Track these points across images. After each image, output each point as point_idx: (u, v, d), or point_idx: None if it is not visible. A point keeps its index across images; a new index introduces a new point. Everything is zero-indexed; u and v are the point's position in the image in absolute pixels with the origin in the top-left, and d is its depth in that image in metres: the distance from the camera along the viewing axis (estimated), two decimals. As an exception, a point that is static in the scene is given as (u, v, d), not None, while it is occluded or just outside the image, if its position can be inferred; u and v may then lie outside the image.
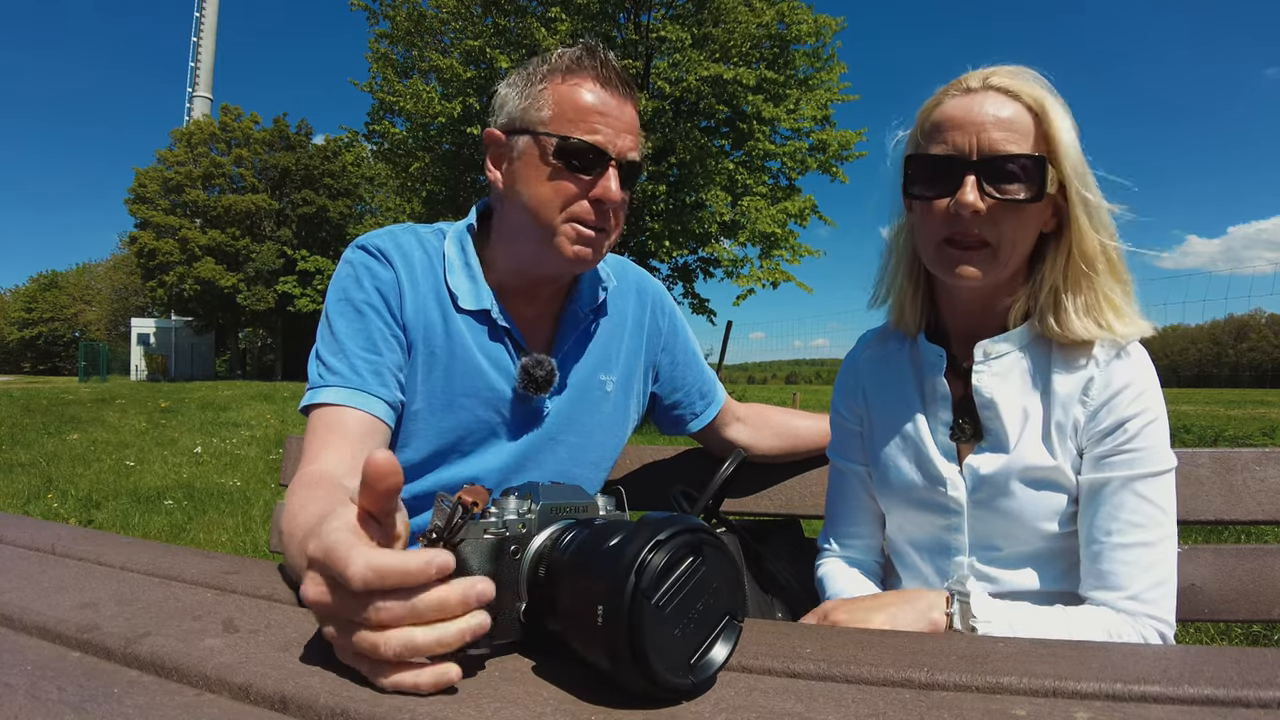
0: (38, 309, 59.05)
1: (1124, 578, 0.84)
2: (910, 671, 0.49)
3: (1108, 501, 0.86)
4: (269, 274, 31.41)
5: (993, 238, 0.85)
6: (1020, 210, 0.84)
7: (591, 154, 0.95)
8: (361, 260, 1.00)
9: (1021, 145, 0.83)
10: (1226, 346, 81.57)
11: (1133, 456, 0.86)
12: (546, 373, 1.03)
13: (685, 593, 0.45)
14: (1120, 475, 0.86)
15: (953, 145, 0.85)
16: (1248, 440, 7.74)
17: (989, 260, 0.86)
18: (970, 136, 0.84)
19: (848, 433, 1.08)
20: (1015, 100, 0.84)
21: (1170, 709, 0.45)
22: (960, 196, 0.83)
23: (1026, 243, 0.87)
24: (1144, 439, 0.86)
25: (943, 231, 0.87)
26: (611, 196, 0.96)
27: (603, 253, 1.01)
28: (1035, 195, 0.83)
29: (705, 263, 14.16)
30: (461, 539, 0.50)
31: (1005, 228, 0.85)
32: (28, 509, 4.70)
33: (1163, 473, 0.86)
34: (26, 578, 0.68)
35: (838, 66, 13.35)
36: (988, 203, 0.83)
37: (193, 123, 35.56)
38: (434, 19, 13.21)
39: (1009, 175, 0.83)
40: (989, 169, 0.83)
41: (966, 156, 0.84)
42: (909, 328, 1.00)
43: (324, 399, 0.91)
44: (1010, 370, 0.92)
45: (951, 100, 0.87)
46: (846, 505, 1.08)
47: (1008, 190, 0.83)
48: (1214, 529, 3.59)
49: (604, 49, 0.98)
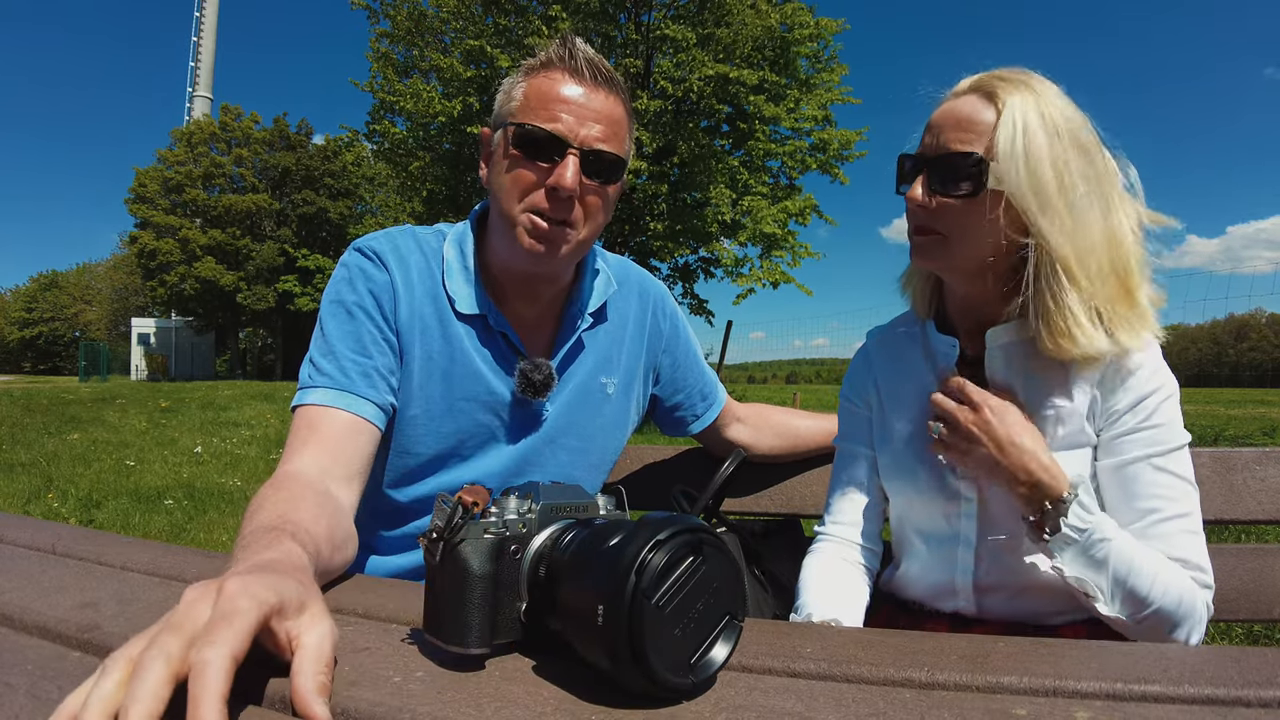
0: (38, 309, 59.06)
1: (1175, 549, 0.86)
2: (910, 671, 0.49)
3: (1138, 480, 0.88)
4: (269, 273, 31.41)
5: (944, 229, 0.89)
6: (965, 206, 0.87)
7: (549, 141, 0.94)
8: (356, 263, 1.00)
9: (972, 145, 0.86)
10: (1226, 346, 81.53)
11: (1154, 433, 0.88)
12: (545, 377, 1.02)
13: (685, 592, 0.45)
14: (1145, 453, 0.88)
15: (923, 145, 0.91)
16: (1248, 440, 7.74)
17: (942, 249, 0.90)
18: (934, 138, 0.89)
19: (857, 419, 1.09)
20: (989, 101, 0.86)
21: (1170, 709, 0.45)
22: (909, 193, 0.90)
23: (983, 236, 0.87)
24: (1161, 414, 0.89)
25: (911, 221, 0.93)
26: (564, 184, 0.93)
27: (563, 248, 0.97)
28: (969, 192, 0.86)
29: (706, 262, 14.17)
30: (462, 539, 0.50)
31: (952, 222, 0.89)
32: (28, 509, 4.70)
33: (1182, 447, 0.89)
34: (27, 577, 0.68)
35: (839, 68, 13.35)
36: (935, 199, 0.88)
37: (193, 122, 35.57)
38: (434, 18, 13.21)
39: (950, 173, 0.87)
40: (935, 167, 0.88)
41: (925, 155, 0.90)
42: (921, 313, 1.04)
43: (310, 399, 0.91)
44: (1020, 357, 0.93)
45: (941, 104, 0.90)
46: (850, 489, 1.08)
47: (947, 187, 0.88)
48: (1214, 529, 3.58)
49: (578, 42, 0.98)
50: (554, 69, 0.96)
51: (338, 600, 0.64)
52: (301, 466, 0.84)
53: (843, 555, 1.05)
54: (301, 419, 0.91)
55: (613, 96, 0.98)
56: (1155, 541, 0.87)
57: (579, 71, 0.96)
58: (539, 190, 0.95)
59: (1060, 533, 0.83)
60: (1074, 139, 0.86)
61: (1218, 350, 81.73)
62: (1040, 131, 0.84)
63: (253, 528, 0.64)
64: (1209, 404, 20.44)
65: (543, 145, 0.94)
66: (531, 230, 0.95)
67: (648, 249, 12.67)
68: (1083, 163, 0.86)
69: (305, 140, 34.37)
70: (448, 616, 0.50)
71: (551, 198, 0.95)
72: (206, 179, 32.26)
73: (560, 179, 0.93)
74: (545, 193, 0.95)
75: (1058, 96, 0.87)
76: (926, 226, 0.91)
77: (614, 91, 0.98)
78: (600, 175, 0.96)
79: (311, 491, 0.78)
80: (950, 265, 0.92)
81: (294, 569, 0.52)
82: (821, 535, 1.09)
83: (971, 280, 0.93)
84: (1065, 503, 0.83)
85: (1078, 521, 0.83)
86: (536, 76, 0.97)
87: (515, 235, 0.96)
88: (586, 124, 0.95)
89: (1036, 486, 0.85)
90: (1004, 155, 0.84)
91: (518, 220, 0.96)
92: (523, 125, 0.94)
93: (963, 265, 0.91)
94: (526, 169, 0.95)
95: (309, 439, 0.88)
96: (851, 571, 1.04)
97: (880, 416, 1.06)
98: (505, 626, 0.51)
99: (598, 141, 0.95)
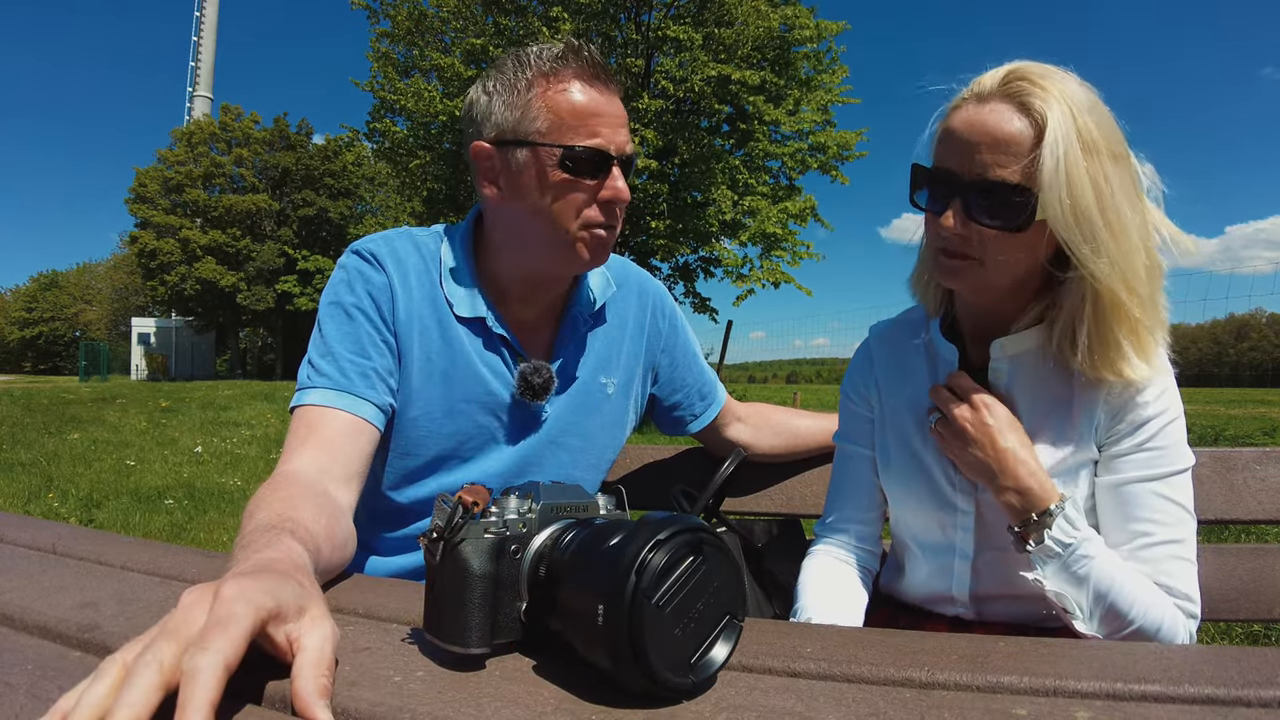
0: (38, 308, 59.06)
1: (1163, 574, 0.84)
2: (910, 671, 0.49)
3: (1133, 501, 0.86)
4: (269, 274, 31.40)
5: (978, 254, 0.85)
6: (1007, 236, 0.82)
7: (596, 158, 0.94)
8: (354, 265, 1.00)
9: (1011, 170, 0.79)
10: (1227, 346, 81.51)
11: (1154, 455, 0.86)
12: (544, 380, 1.02)
13: (685, 592, 0.45)
14: (1143, 474, 0.86)
15: (951, 162, 0.84)
16: (1248, 440, 7.73)
17: (976, 273, 0.86)
18: (966, 156, 0.82)
19: (857, 418, 1.07)
20: (1024, 114, 0.79)
21: (1170, 708, 0.45)
22: (943, 219, 0.84)
23: (1020, 262, 0.85)
24: (1164, 438, 0.87)
25: (937, 241, 0.87)
26: (622, 196, 0.96)
27: (609, 250, 1.03)
28: (1016, 226, 0.81)
29: (706, 262, 14.18)
30: (462, 538, 0.50)
31: (990, 249, 0.83)
32: (28, 508, 4.70)
33: (1183, 470, 0.87)
34: (27, 577, 0.68)
35: (840, 70, 13.34)
36: (971, 227, 0.83)
37: (193, 122, 35.55)
38: (435, 18, 13.21)
39: (992, 202, 0.81)
40: (974, 193, 0.82)
41: (959, 177, 0.83)
42: (931, 311, 1.01)
43: (309, 400, 0.91)
44: (1027, 369, 0.91)
45: (959, 112, 0.84)
46: (849, 489, 1.07)
47: (988, 218, 0.82)
48: (1214, 528, 3.59)
49: (584, 44, 0.97)
50: (570, 77, 0.95)
51: (338, 600, 0.64)
52: (300, 466, 0.84)
53: (842, 557, 1.05)
54: (300, 419, 0.90)
55: (619, 95, 1.00)
56: (1144, 565, 0.85)
57: (597, 77, 0.96)
58: (593, 206, 0.96)
59: (1043, 544, 0.82)
60: (1107, 144, 0.80)
61: (1218, 350, 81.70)
62: (1079, 150, 0.77)
63: (252, 526, 0.64)
64: (1209, 404, 20.43)
65: (589, 163, 0.94)
66: (591, 242, 0.97)
67: (648, 249, 12.67)
68: (1119, 172, 0.80)
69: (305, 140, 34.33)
70: (448, 616, 0.50)
71: (606, 210, 0.97)
72: (206, 179, 32.24)
73: (616, 192, 0.96)
74: (599, 207, 0.96)
75: (1086, 96, 0.80)
76: (959, 252, 0.85)
77: (620, 89, 1.00)
78: (628, 176, 0.99)
79: (311, 491, 0.78)
80: (982, 287, 0.88)
81: (294, 569, 0.52)
82: (821, 536, 1.08)
83: (995, 297, 0.90)
84: (1051, 515, 0.82)
85: (1061, 535, 0.81)
86: (552, 89, 0.94)
87: (575, 252, 0.98)
88: (617, 131, 0.96)
89: (1025, 494, 0.84)
90: (1049, 184, 0.77)
91: (576, 237, 0.97)
92: (570, 148, 0.93)
93: (994, 288, 0.88)
94: (577, 190, 0.95)
95: (308, 439, 0.88)
96: (850, 573, 1.03)
97: (880, 421, 1.04)
98: (505, 626, 0.51)
99: (628, 145, 0.98)
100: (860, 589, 1.02)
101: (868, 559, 1.06)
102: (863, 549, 1.06)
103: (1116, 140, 0.81)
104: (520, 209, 0.97)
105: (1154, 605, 0.82)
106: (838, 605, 0.97)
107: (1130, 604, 0.81)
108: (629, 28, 12.44)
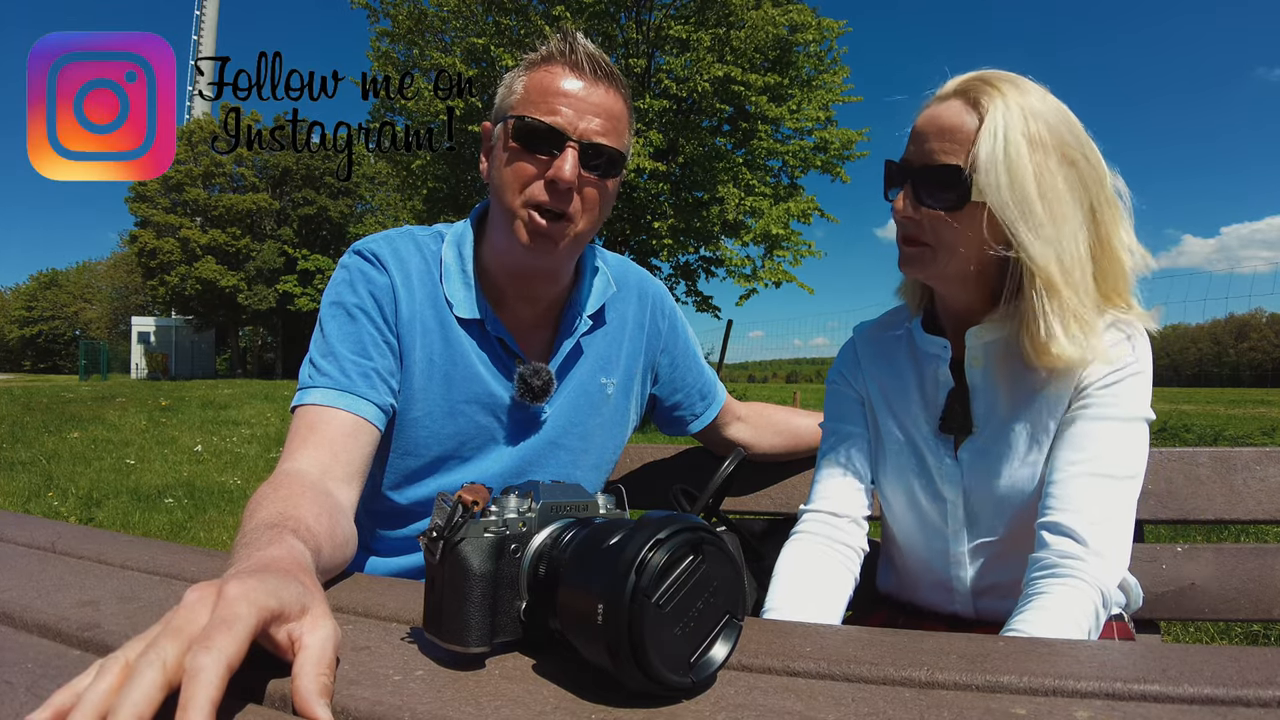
0: (38, 307, 59.02)
1: (1082, 501, 0.83)
2: (910, 671, 0.49)
3: (1079, 434, 0.87)
4: (270, 273, 31.39)
5: (931, 240, 0.88)
6: (950, 217, 0.86)
7: (548, 134, 0.94)
8: (356, 265, 1.00)
9: (953, 155, 0.84)
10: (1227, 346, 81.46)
11: (1108, 397, 0.87)
12: (544, 382, 1.02)
13: (685, 591, 0.45)
14: (1093, 413, 0.87)
15: (909, 154, 0.89)
16: (1248, 440, 7.73)
17: (928, 259, 0.90)
18: (919, 147, 0.87)
19: (847, 399, 1.07)
20: (973, 109, 0.84)
21: (1170, 708, 0.45)
22: (895, 204, 0.89)
23: (967, 246, 0.86)
24: (1124, 387, 0.87)
25: (899, 231, 0.92)
26: (563, 176, 0.93)
27: (563, 242, 0.97)
28: (953, 205, 0.85)
29: (707, 262, 14.17)
30: (462, 537, 0.50)
31: (938, 233, 0.87)
32: (28, 507, 4.70)
33: (1135, 419, 0.87)
34: (27, 576, 0.68)
35: (842, 69, 13.33)
36: (920, 210, 0.87)
37: (193, 121, 35.53)
38: (435, 18, 13.19)
39: (933, 185, 0.86)
40: (919, 178, 0.87)
41: (911, 165, 0.88)
42: (913, 309, 1.03)
43: (310, 399, 0.91)
44: (1001, 358, 0.92)
45: (923, 112, 0.89)
46: (836, 469, 1.04)
47: (930, 200, 0.86)
48: (1214, 528, 3.59)
49: (578, 36, 0.98)
50: (554, 63, 0.97)
51: (337, 599, 0.64)
52: (301, 465, 0.84)
53: (827, 535, 1.01)
54: (301, 419, 0.90)
55: (613, 91, 0.98)
56: (1061, 488, 0.84)
57: (579, 65, 0.96)
58: (538, 183, 0.95)
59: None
60: (1059, 146, 0.83)
61: (1218, 350, 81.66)
62: (1023, 140, 0.82)
63: (254, 524, 0.64)
64: (1209, 404, 20.43)
65: (542, 138, 0.94)
66: (530, 224, 0.95)
67: (650, 248, 12.65)
68: (1067, 171, 0.84)
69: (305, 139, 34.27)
70: (448, 615, 0.50)
71: (550, 190, 0.95)
72: (207, 178, 32.22)
73: (559, 171, 0.93)
74: (544, 185, 0.95)
75: (1042, 100, 0.84)
76: (913, 237, 0.90)
77: (614, 86, 0.98)
78: (599, 169, 0.96)
79: (312, 490, 0.78)
80: (936, 274, 0.92)
81: (296, 568, 0.52)
82: (806, 515, 1.04)
83: (957, 286, 0.92)
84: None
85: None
86: (537, 70, 0.97)
87: (514, 229, 0.96)
88: (586, 117, 0.95)
89: None
90: (985, 167, 0.82)
91: (517, 213, 0.96)
92: (522, 118, 0.94)
93: (948, 274, 0.90)
94: (526, 162, 0.95)
95: (309, 438, 0.88)
96: (831, 560, 0.99)
97: (869, 409, 1.05)
98: (505, 625, 0.51)
99: (597, 135, 0.95)
100: (843, 574, 0.98)
101: (854, 537, 1.01)
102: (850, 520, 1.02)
103: (1071, 140, 0.85)
104: (491, 183, 1.00)
105: (1072, 627, 0.77)
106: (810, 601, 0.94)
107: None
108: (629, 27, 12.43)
